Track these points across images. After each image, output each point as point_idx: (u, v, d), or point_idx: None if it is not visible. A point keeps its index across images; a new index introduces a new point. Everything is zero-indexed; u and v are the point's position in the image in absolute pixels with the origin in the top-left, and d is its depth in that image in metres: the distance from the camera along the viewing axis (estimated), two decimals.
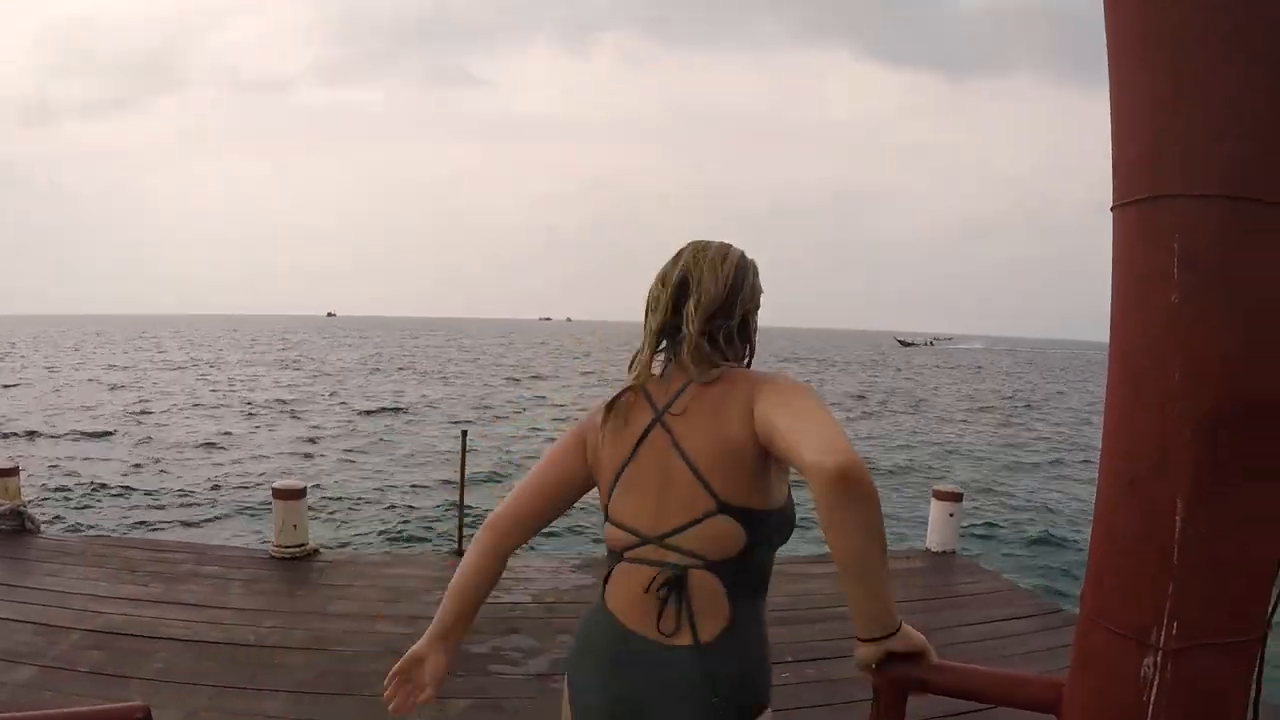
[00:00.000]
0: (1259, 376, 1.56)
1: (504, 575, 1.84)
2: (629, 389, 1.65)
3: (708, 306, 1.59)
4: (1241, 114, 1.51)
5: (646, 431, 1.61)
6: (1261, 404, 1.56)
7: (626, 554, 1.63)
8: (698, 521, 1.54)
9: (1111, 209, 1.58)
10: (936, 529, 7.49)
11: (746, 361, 1.70)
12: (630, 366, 1.68)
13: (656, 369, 1.67)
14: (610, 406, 1.67)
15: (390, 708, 1.72)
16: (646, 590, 1.55)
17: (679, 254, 1.64)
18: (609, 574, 1.68)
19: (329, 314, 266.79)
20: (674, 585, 1.53)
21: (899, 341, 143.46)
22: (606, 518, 1.68)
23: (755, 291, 1.66)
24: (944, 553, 7.41)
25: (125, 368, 44.68)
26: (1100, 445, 1.63)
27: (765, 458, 1.51)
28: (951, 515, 7.45)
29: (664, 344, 1.67)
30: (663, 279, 1.64)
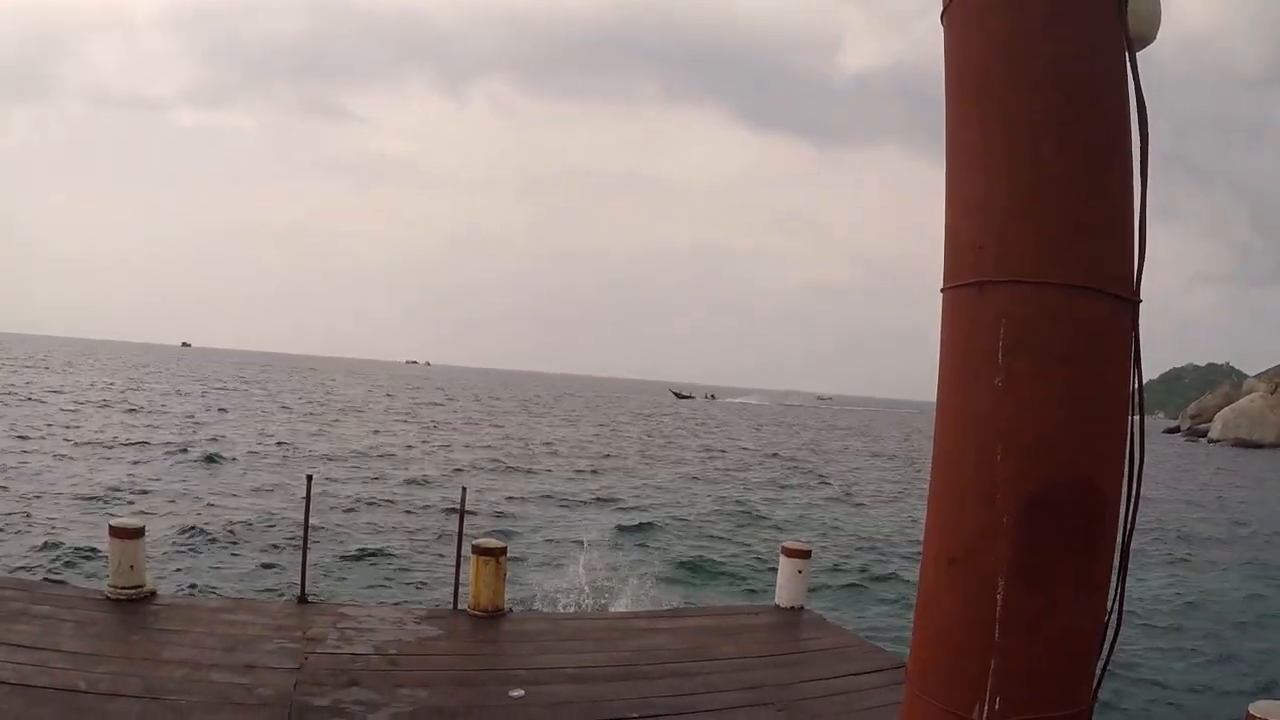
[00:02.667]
0: (1078, 457, 1.61)
1: (345, 625, 2.27)
2: None
3: None
4: (1072, 205, 1.57)
5: None
6: (1079, 482, 1.61)
7: None
8: None
9: (942, 290, 1.62)
10: (785, 585, 7.57)
11: None
12: None
13: None
14: None
15: None
16: None
17: None
18: None
19: (184, 344, 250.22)
20: None
21: (674, 394, 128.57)
22: None
23: None
24: (793, 609, 7.48)
25: None
26: (924, 525, 1.65)
27: None
28: (800, 572, 7.55)
29: None
30: None
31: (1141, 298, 1.60)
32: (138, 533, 6.35)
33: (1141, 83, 1.62)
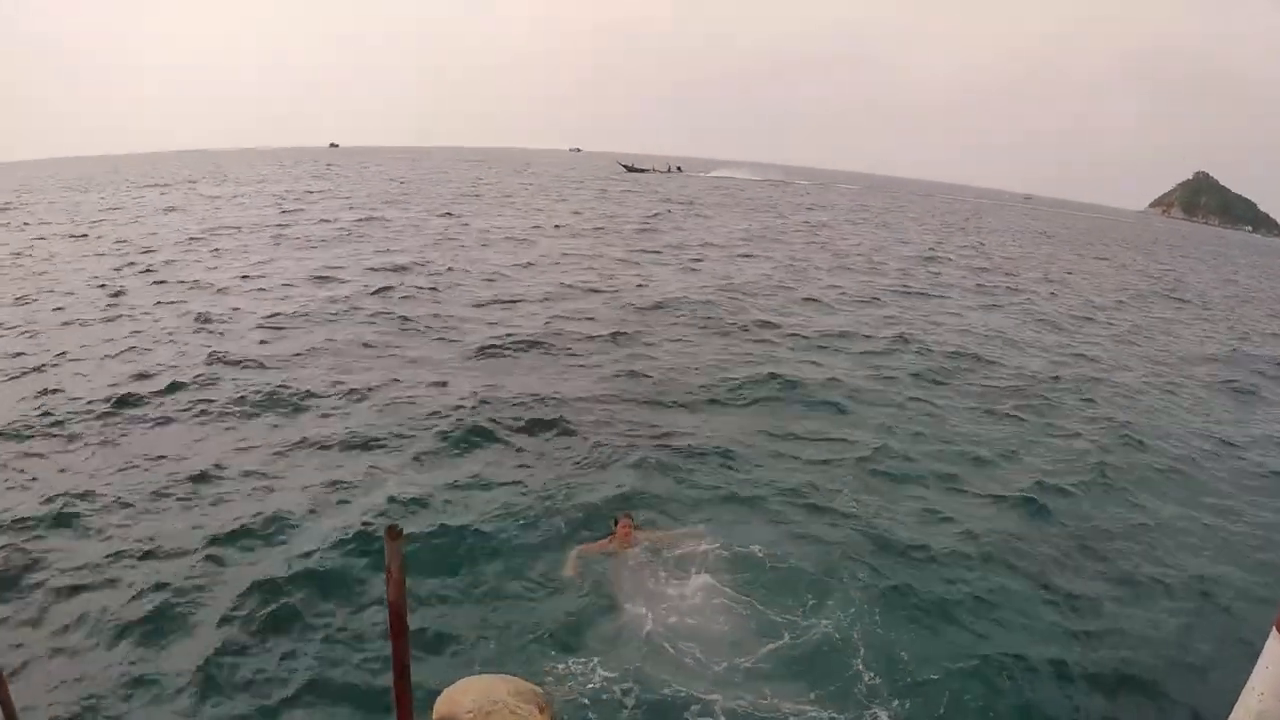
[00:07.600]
0: None
1: None
2: None
3: None
4: None
5: None
6: None
7: None
8: None
9: None
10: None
11: None
12: None
13: None
14: None
15: None
16: None
17: None
18: None
19: (331, 144, 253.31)
20: None
21: (623, 166, 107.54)
22: None
23: None
24: None
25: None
26: None
27: None
28: None
29: None
30: None
31: None
32: None
33: None
